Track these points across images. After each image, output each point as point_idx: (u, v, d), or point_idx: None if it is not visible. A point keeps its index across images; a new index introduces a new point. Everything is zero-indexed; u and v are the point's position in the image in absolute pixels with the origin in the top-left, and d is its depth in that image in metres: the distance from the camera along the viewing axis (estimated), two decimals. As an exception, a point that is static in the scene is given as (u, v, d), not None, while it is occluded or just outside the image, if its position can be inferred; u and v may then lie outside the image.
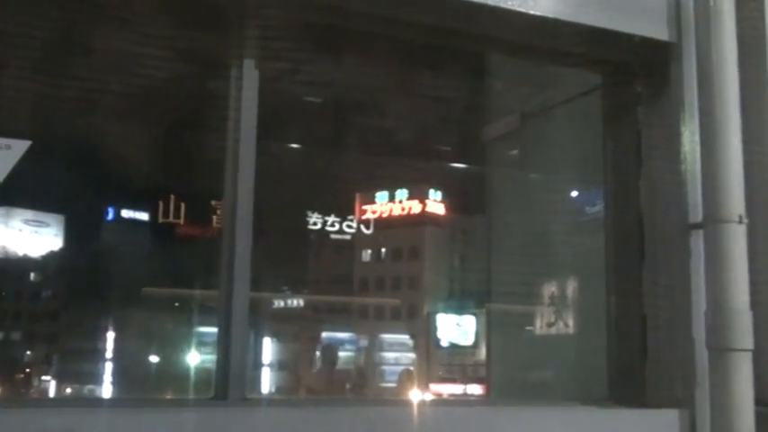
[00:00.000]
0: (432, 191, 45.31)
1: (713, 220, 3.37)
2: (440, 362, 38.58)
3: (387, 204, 44.92)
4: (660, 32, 3.62)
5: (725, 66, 3.43)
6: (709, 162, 3.42)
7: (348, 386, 36.31)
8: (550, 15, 3.43)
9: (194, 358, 34.61)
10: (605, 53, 3.75)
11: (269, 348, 41.77)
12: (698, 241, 3.48)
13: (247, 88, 3.21)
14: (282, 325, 42.05)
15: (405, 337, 44.43)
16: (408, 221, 44.66)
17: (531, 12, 3.40)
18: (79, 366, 42.94)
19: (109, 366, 42.23)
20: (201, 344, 33.53)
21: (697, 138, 3.49)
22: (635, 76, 3.79)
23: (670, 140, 3.62)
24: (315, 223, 32.73)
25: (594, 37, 3.56)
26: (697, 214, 3.50)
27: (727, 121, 3.39)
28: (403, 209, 45.30)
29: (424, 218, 45.16)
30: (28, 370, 45.95)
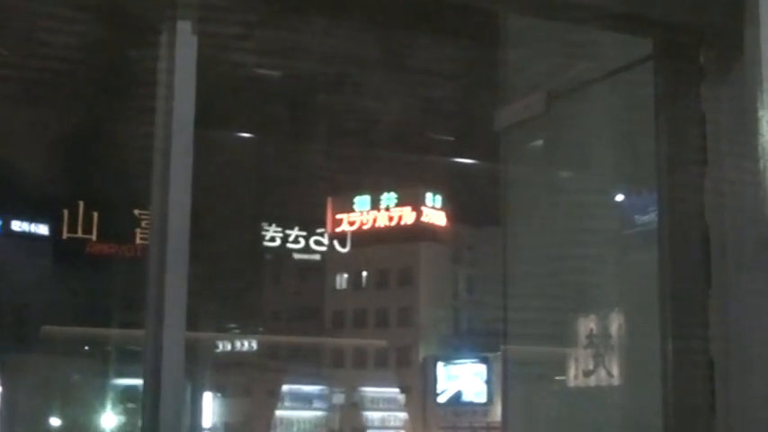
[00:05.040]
0: (429, 195, 45.45)
1: (802, 233, 3.40)
2: (441, 423, 38.61)
3: (369, 213, 45.02)
4: (730, -15, 3.65)
5: (816, 29, 3.46)
6: (795, 156, 3.45)
7: (318, 457, 36.30)
8: (585, -37, 3.47)
9: (110, 421, 34.47)
10: (658, 12, 3.78)
11: (211, 406, 41.66)
12: (781, 261, 3.51)
13: (182, 59, 3.22)
14: (229, 375, 41.93)
15: (394, 391, 44.46)
16: (398, 235, 44.75)
17: (560, -42, 3.44)
18: (-45, 432, 42.66)
19: (-5, 432, 42.01)
20: (121, 400, 33.39)
21: (780, 124, 3.52)
22: (697, 43, 3.82)
23: (744, 128, 3.65)
24: (272, 239, 32.66)
25: (643, -9, 3.59)
26: (780, 226, 3.53)
27: (819, 101, 3.43)
28: (390, 218, 45.40)
29: (419, 230, 45.26)
30: None
